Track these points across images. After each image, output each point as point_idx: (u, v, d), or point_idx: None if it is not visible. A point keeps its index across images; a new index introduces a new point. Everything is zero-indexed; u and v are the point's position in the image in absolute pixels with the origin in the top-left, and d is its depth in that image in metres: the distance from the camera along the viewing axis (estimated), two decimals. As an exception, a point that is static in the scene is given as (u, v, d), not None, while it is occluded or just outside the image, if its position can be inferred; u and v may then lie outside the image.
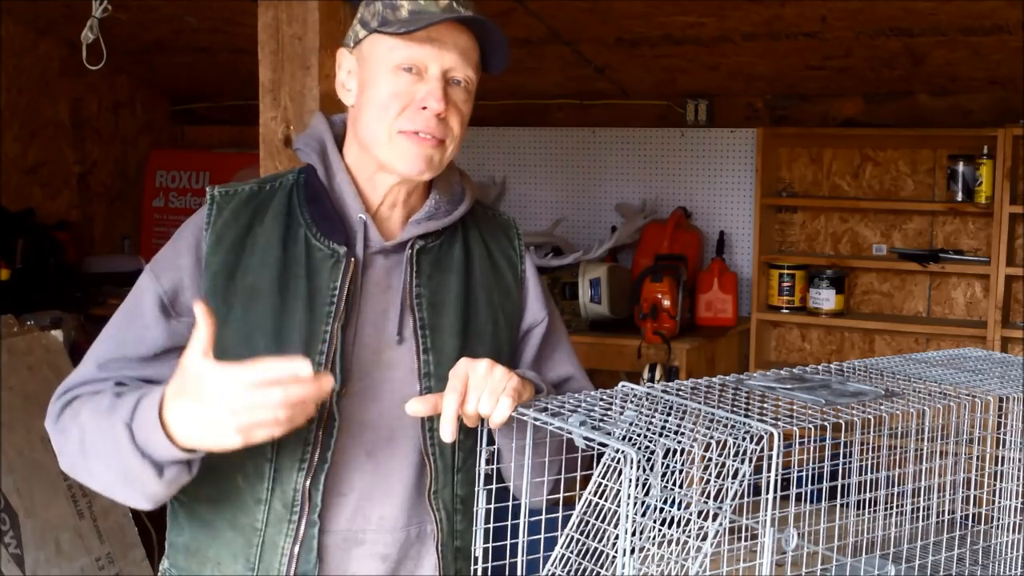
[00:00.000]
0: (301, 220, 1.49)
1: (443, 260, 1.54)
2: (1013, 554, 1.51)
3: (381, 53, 1.46)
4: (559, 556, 1.32)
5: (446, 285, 1.53)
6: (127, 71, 4.92)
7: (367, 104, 1.48)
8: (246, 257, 1.46)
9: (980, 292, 4.08)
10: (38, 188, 4.60)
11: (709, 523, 1.16)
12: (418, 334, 1.49)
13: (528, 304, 1.64)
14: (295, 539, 1.44)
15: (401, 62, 1.44)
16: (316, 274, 1.46)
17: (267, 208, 1.50)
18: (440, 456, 1.49)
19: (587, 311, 3.99)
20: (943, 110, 4.05)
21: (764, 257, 4.18)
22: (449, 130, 1.48)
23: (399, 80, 1.45)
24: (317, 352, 1.43)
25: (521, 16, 3.70)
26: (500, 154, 4.73)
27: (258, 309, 1.44)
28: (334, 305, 1.45)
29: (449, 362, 1.46)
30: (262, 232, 1.48)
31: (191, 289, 1.46)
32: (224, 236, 1.47)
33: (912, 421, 1.36)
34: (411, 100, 1.45)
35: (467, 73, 1.48)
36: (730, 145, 4.37)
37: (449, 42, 1.45)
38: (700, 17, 3.55)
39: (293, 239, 1.48)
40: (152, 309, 1.46)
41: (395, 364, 1.48)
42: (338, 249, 1.47)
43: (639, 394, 1.33)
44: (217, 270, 1.46)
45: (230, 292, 1.45)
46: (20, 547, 3.10)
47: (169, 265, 1.47)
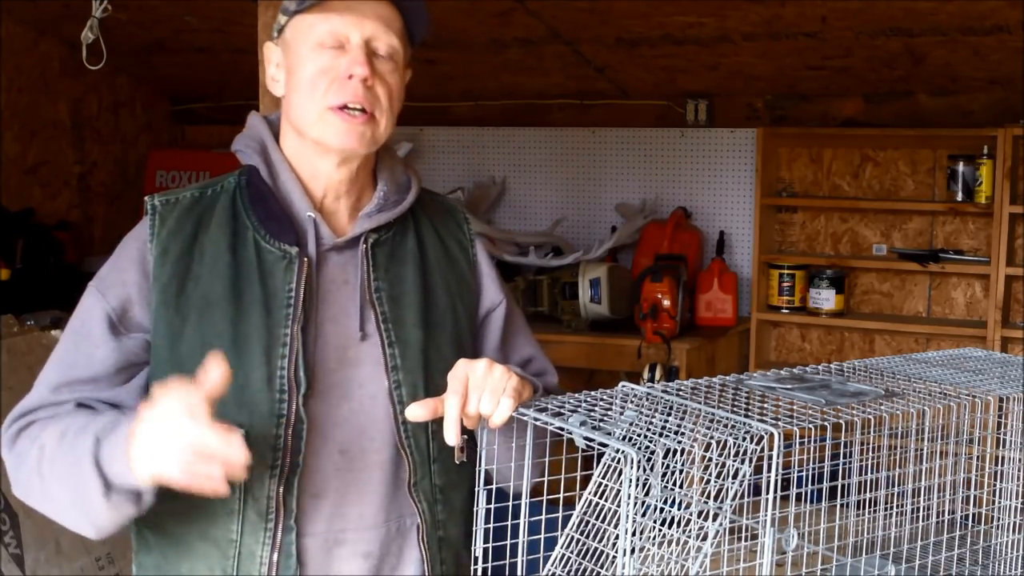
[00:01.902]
0: (248, 223, 1.46)
1: (398, 252, 1.53)
2: (1013, 554, 1.51)
3: (302, 33, 1.46)
4: (559, 556, 1.32)
5: (403, 277, 1.52)
6: (127, 71, 4.92)
7: (295, 87, 1.47)
8: (195, 266, 1.44)
9: (980, 292, 4.08)
10: (38, 188, 4.59)
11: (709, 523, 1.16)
12: (381, 328, 1.48)
13: (484, 287, 1.63)
14: (273, 546, 1.41)
15: (322, 38, 1.44)
16: (270, 277, 1.44)
17: (211, 214, 1.47)
18: (416, 448, 1.48)
19: (587, 311, 3.99)
20: (943, 110, 4.05)
21: (764, 257, 4.18)
22: (377, 100, 1.46)
23: (323, 56, 1.44)
24: (278, 356, 1.41)
25: (521, 16, 3.70)
26: (500, 154, 4.73)
27: (214, 318, 1.42)
28: (291, 307, 1.43)
29: (414, 354, 1.48)
30: (209, 239, 1.45)
31: (140, 304, 1.43)
32: (170, 247, 1.44)
33: (912, 421, 1.36)
34: (337, 73, 1.44)
35: (390, 42, 1.47)
36: (730, 145, 4.37)
37: (368, 11, 1.45)
38: (700, 17, 3.55)
39: (242, 243, 1.45)
40: (100, 328, 1.43)
41: (361, 360, 1.47)
42: (289, 250, 1.45)
43: (639, 394, 1.33)
44: (166, 282, 1.43)
45: (182, 303, 1.43)
46: (20, 547, 3.10)
47: (115, 281, 1.45)
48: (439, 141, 4.80)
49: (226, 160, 1.58)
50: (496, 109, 4.70)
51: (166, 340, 1.42)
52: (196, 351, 1.40)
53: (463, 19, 3.81)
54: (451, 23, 3.85)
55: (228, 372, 1.25)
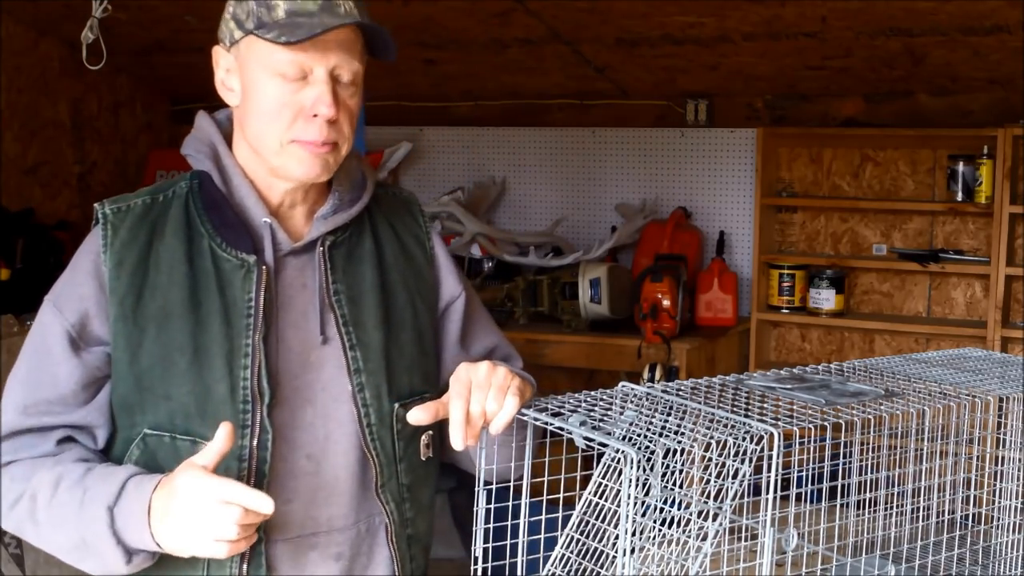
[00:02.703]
0: (203, 231, 1.43)
1: (355, 252, 1.51)
2: (1013, 554, 1.51)
3: (261, 56, 1.39)
4: (559, 556, 1.32)
5: (362, 277, 1.50)
6: (127, 71, 4.92)
7: (254, 111, 1.41)
8: (152, 276, 1.41)
9: (980, 292, 4.08)
10: (38, 188, 4.59)
11: (709, 523, 1.16)
12: (342, 331, 1.47)
13: (442, 279, 1.61)
14: (242, 558, 1.41)
15: (283, 67, 1.37)
16: (228, 286, 1.42)
17: (165, 221, 1.44)
18: (382, 449, 1.48)
19: (587, 311, 3.99)
20: (943, 110, 4.05)
21: (764, 257, 4.18)
22: (340, 131, 1.42)
23: (285, 88, 1.38)
24: (241, 366, 1.40)
25: (521, 16, 3.70)
26: (500, 154, 4.73)
27: (173, 329, 1.40)
28: (251, 317, 1.41)
29: (376, 355, 1.48)
30: (164, 248, 1.42)
31: (98, 318, 1.41)
32: (125, 258, 1.41)
33: (912, 421, 1.36)
34: (300, 108, 1.39)
35: (353, 68, 1.41)
36: (730, 145, 4.37)
37: (331, 40, 1.38)
38: (700, 17, 3.55)
39: (198, 252, 1.42)
40: (60, 345, 1.40)
41: (323, 364, 1.46)
42: (247, 258, 1.42)
43: (639, 394, 1.33)
44: (124, 294, 1.40)
45: (140, 315, 1.40)
46: (20, 547, 3.10)
47: (71, 296, 1.41)
48: (439, 141, 4.80)
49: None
50: (496, 109, 4.70)
51: (126, 353, 1.40)
52: (156, 363, 1.39)
53: (463, 19, 3.81)
54: (451, 23, 3.85)
55: (231, 432, 1.29)
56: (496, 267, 4.40)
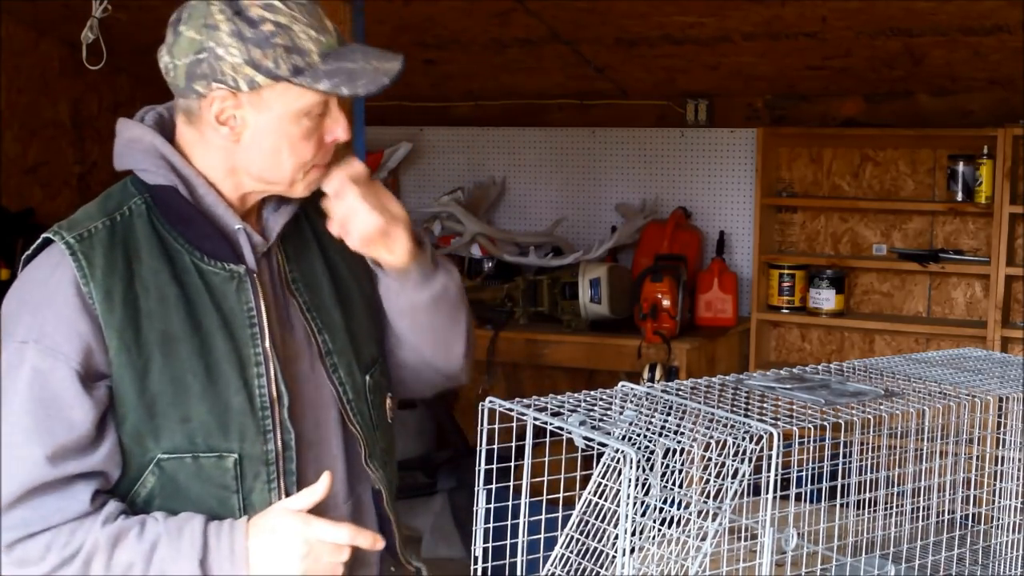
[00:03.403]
0: (179, 247, 1.41)
1: (300, 239, 1.55)
2: (1013, 554, 1.51)
3: (290, 99, 1.38)
4: (559, 556, 1.32)
5: (312, 262, 1.55)
6: (127, 71, 4.91)
7: (267, 149, 1.41)
8: (143, 303, 1.37)
9: (980, 292, 4.08)
10: (38, 188, 4.59)
11: (709, 523, 1.16)
12: (306, 316, 1.50)
13: None
14: None
15: (313, 108, 1.39)
16: (223, 300, 1.41)
17: (134, 242, 1.40)
18: (362, 422, 1.53)
19: (587, 311, 3.99)
20: (943, 110, 4.05)
21: (764, 257, 4.18)
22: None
23: (311, 124, 1.40)
24: (254, 375, 1.41)
25: (521, 16, 3.70)
26: (500, 154, 4.73)
27: (179, 353, 1.38)
28: (256, 326, 1.42)
29: (341, 335, 1.52)
30: (146, 271, 1.39)
31: (99, 351, 1.35)
32: (112, 288, 1.36)
33: (912, 421, 1.36)
34: (319, 135, 1.42)
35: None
36: (730, 145, 4.37)
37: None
38: (700, 17, 3.55)
39: (183, 270, 1.40)
40: (71, 387, 1.33)
41: (298, 355, 1.49)
42: (236, 269, 1.42)
43: (639, 394, 1.33)
44: (120, 326, 1.36)
45: (142, 343, 1.37)
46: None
47: (66, 334, 1.34)
48: (439, 141, 4.80)
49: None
50: (496, 109, 4.70)
51: (133, 384, 1.36)
52: (166, 388, 1.37)
53: (463, 19, 3.81)
54: (451, 23, 3.85)
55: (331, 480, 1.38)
56: (496, 267, 4.40)
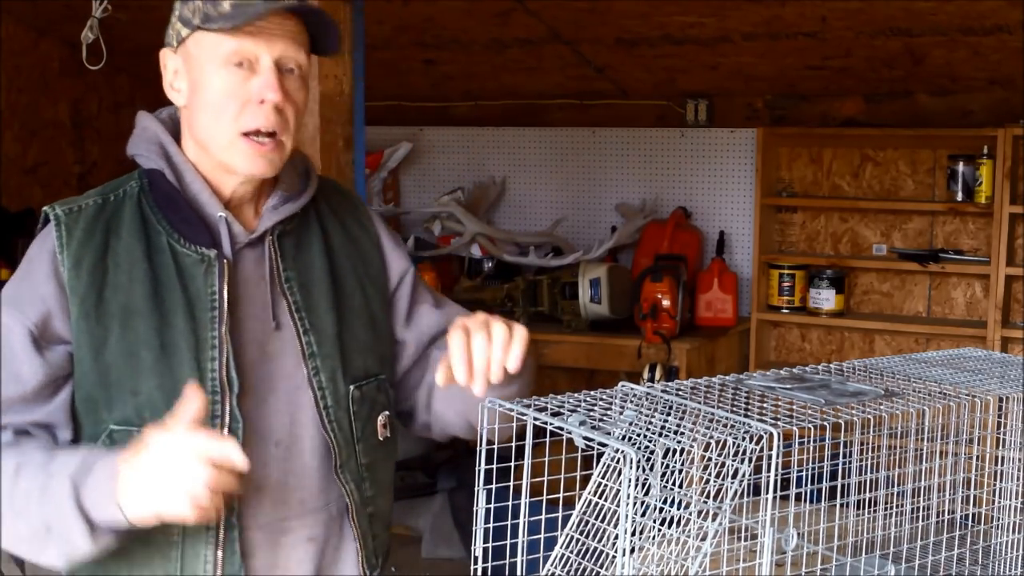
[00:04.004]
0: (160, 228, 1.45)
1: (303, 241, 1.55)
2: (1013, 554, 1.51)
3: (207, 50, 1.41)
4: (559, 556, 1.32)
5: (311, 265, 1.54)
6: (127, 71, 4.92)
7: (201, 105, 1.44)
8: (111, 275, 1.42)
9: (980, 292, 4.08)
10: (38, 188, 4.59)
11: (709, 523, 1.16)
12: (295, 317, 1.50)
13: (389, 260, 1.65)
14: (217, 544, 1.43)
15: (229, 56, 1.40)
16: (191, 281, 1.43)
17: (119, 220, 1.46)
18: (339, 430, 1.51)
19: (587, 311, 3.99)
20: (943, 110, 4.05)
21: (764, 257, 4.18)
22: (286, 123, 1.44)
23: (231, 77, 1.41)
24: (208, 359, 1.42)
25: (521, 16, 3.70)
26: (500, 154, 4.73)
27: (138, 327, 1.41)
28: (216, 310, 1.43)
29: (329, 340, 1.51)
30: (122, 247, 1.43)
31: (59, 317, 1.40)
32: (82, 257, 1.42)
33: (912, 421, 1.36)
34: (247, 96, 1.41)
35: (299, 59, 1.44)
36: (730, 145, 4.37)
37: (277, 30, 1.41)
38: (700, 17, 3.55)
39: (157, 249, 1.44)
40: (23, 344, 1.39)
41: (282, 352, 1.49)
42: (207, 253, 1.44)
43: (639, 394, 1.33)
44: (84, 293, 1.41)
45: (102, 313, 1.41)
46: (20, 547, 3.09)
47: (31, 297, 1.41)
48: (439, 141, 4.80)
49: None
50: (496, 109, 4.70)
51: (89, 351, 1.40)
52: (122, 360, 1.40)
53: (463, 19, 3.81)
54: (451, 23, 3.85)
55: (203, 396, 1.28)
56: (496, 267, 4.40)
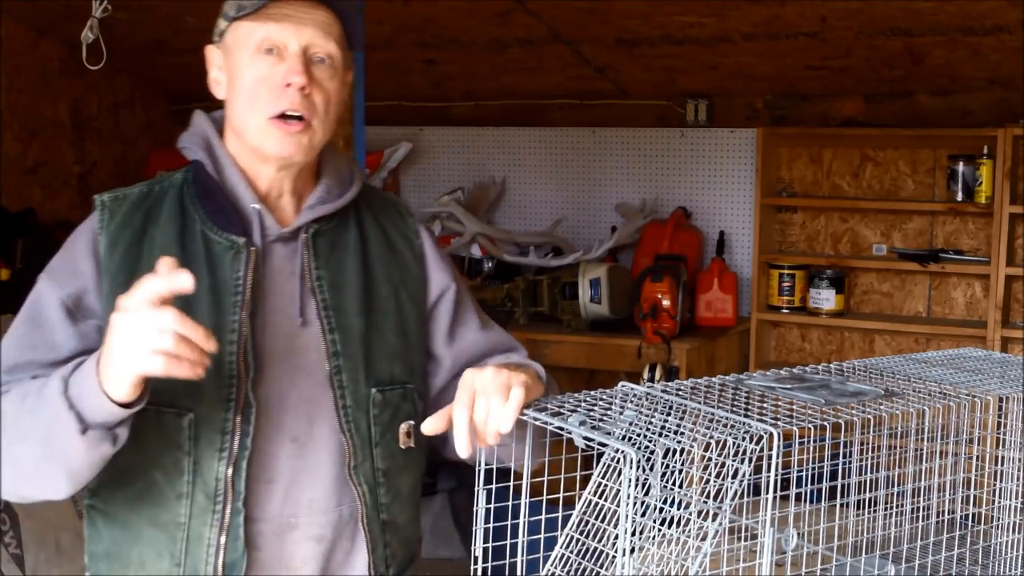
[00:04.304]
0: (196, 216, 1.50)
1: (339, 242, 1.56)
2: (1013, 554, 1.51)
3: (241, 40, 1.47)
4: (559, 556, 1.32)
5: (345, 266, 1.55)
6: (127, 71, 4.92)
7: (236, 93, 1.49)
8: (145, 257, 1.46)
9: (980, 292, 4.08)
10: (38, 188, 4.59)
11: (709, 523, 1.16)
12: (322, 315, 1.51)
13: (431, 274, 1.65)
14: (220, 528, 1.44)
15: (260, 43, 1.45)
16: (218, 267, 1.47)
17: (159, 209, 1.51)
18: (356, 432, 1.50)
19: (587, 311, 3.99)
20: (943, 110, 4.05)
21: (764, 257, 4.18)
22: (314, 108, 1.47)
23: (261, 64, 1.46)
24: (227, 341, 1.44)
25: (521, 16, 3.70)
26: (500, 154, 4.73)
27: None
28: (240, 295, 1.46)
29: (355, 340, 1.51)
30: (158, 233, 1.48)
31: (93, 292, 1.46)
32: (119, 238, 1.47)
33: (912, 421, 1.36)
34: (276, 81, 1.45)
35: (328, 48, 1.48)
36: (730, 145, 4.37)
37: (306, 18, 1.46)
38: (700, 17, 3.55)
39: (190, 236, 1.48)
40: (58, 314, 1.45)
41: (306, 349, 1.50)
42: (237, 240, 1.48)
43: (639, 394, 1.33)
44: (116, 271, 1.46)
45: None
46: (20, 547, 3.10)
47: (68, 271, 1.47)
48: (439, 141, 4.80)
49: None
50: (496, 109, 4.70)
51: None
52: None
53: (463, 19, 3.81)
54: (451, 23, 3.85)
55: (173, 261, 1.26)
56: (496, 267, 4.40)
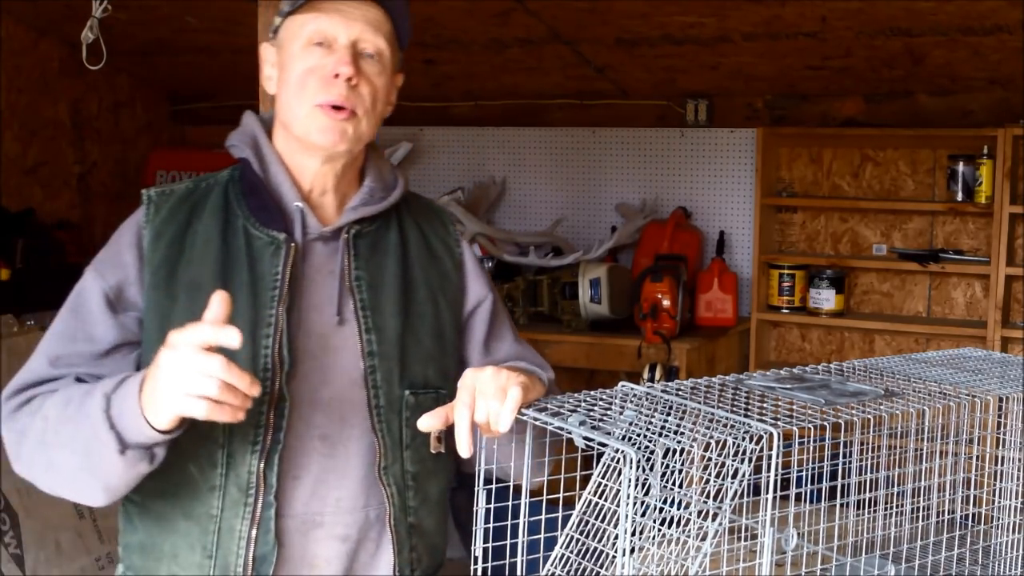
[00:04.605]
0: (239, 212, 1.53)
1: (379, 244, 1.58)
2: (1013, 554, 1.51)
3: (293, 33, 1.52)
4: (559, 556, 1.32)
5: (384, 267, 1.56)
6: (127, 71, 4.92)
7: (285, 85, 1.52)
8: (187, 251, 1.50)
9: (980, 292, 4.08)
10: (38, 188, 4.60)
11: (709, 523, 1.16)
12: (359, 314, 1.52)
13: (469, 284, 1.66)
14: (252, 521, 1.45)
15: (311, 36, 1.49)
16: (258, 262, 1.49)
17: (204, 204, 1.54)
18: (388, 433, 1.51)
19: (587, 311, 3.99)
20: (943, 110, 4.05)
21: (764, 257, 4.18)
22: (361, 99, 1.50)
23: (311, 55, 1.49)
24: (263, 335, 1.46)
25: (521, 16, 3.70)
26: (500, 154, 4.73)
27: (202, 300, 1.43)
28: (277, 289, 1.48)
29: (391, 341, 1.52)
30: (202, 228, 1.52)
31: (135, 285, 1.50)
32: (163, 232, 1.51)
33: (912, 421, 1.36)
34: (324, 72, 1.49)
35: (377, 43, 1.51)
36: (730, 145, 4.37)
37: (356, 12, 1.51)
38: (700, 17, 3.55)
39: (233, 231, 1.51)
40: (99, 305, 1.49)
41: (342, 347, 1.51)
42: (277, 236, 1.50)
43: (639, 394, 1.33)
44: (158, 265, 1.49)
45: (172, 285, 1.48)
46: (20, 547, 3.10)
47: (112, 263, 1.51)
48: (439, 141, 4.80)
49: (227, 160, 1.61)
50: (496, 109, 4.70)
51: (156, 320, 1.47)
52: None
53: (463, 19, 3.81)
54: (451, 23, 3.85)
55: (228, 302, 1.28)
56: (496, 267, 4.40)
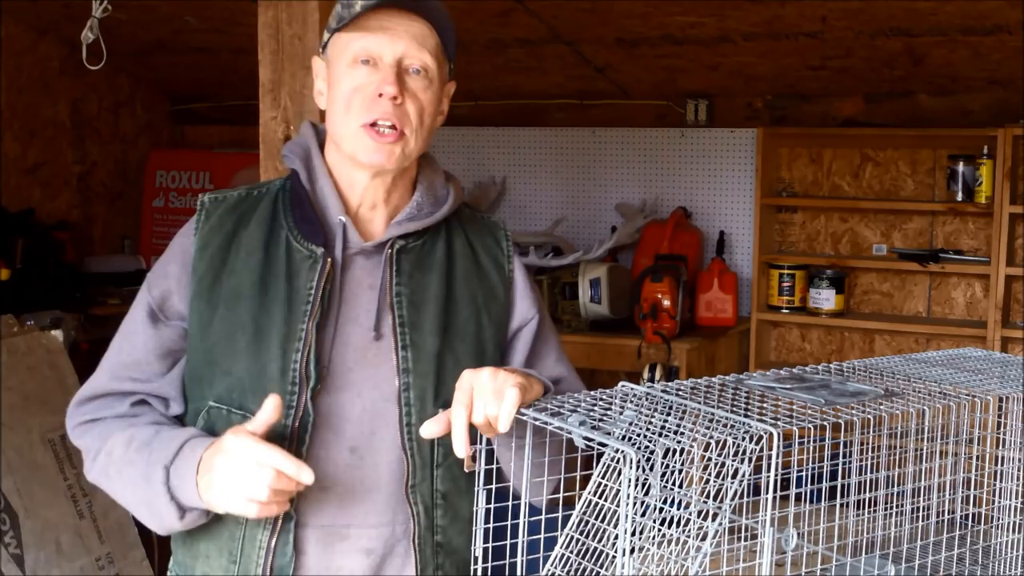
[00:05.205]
0: (284, 223, 1.54)
1: (424, 260, 1.56)
2: (1013, 554, 1.51)
3: (340, 50, 1.52)
4: (559, 556, 1.32)
5: (426, 284, 1.55)
6: (127, 71, 4.92)
7: (333, 102, 1.53)
8: (231, 261, 1.52)
9: (980, 292, 4.08)
10: (38, 188, 4.60)
11: (709, 523, 1.16)
12: (396, 331, 1.51)
13: (516, 303, 1.64)
14: (272, 531, 1.46)
15: (357, 54, 1.49)
16: (296, 275, 1.50)
17: (253, 213, 1.55)
18: (418, 451, 1.50)
19: (587, 311, 3.99)
20: (943, 110, 4.05)
21: (764, 257, 4.18)
22: (407, 118, 1.50)
23: (357, 73, 1.49)
24: (293, 349, 1.47)
25: (521, 16, 3.70)
26: (500, 154, 4.73)
27: (240, 310, 1.49)
28: (310, 304, 1.48)
29: (428, 359, 1.51)
30: (247, 236, 1.53)
31: (179, 294, 1.53)
32: (210, 241, 1.53)
33: (912, 421, 1.36)
34: (368, 91, 1.49)
35: (423, 59, 1.51)
36: (730, 145, 4.37)
37: (401, 29, 1.50)
38: (700, 17, 3.55)
39: (275, 242, 1.52)
40: (141, 315, 1.54)
41: (378, 362, 1.50)
42: (316, 250, 1.50)
43: (639, 394, 1.33)
44: (203, 274, 1.51)
45: (215, 294, 1.50)
46: (20, 547, 3.10)
47: (159, 274, 1.55)
48: (439, 141, 4.80)
49: (227, 160, 1.62)
50: (496, 109, 4.70)
51: (198, 329, 1.51)
52: (222, 340, 1.49)
53: (463, 19, 3.81)
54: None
55: (278, 404, 1.38)
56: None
